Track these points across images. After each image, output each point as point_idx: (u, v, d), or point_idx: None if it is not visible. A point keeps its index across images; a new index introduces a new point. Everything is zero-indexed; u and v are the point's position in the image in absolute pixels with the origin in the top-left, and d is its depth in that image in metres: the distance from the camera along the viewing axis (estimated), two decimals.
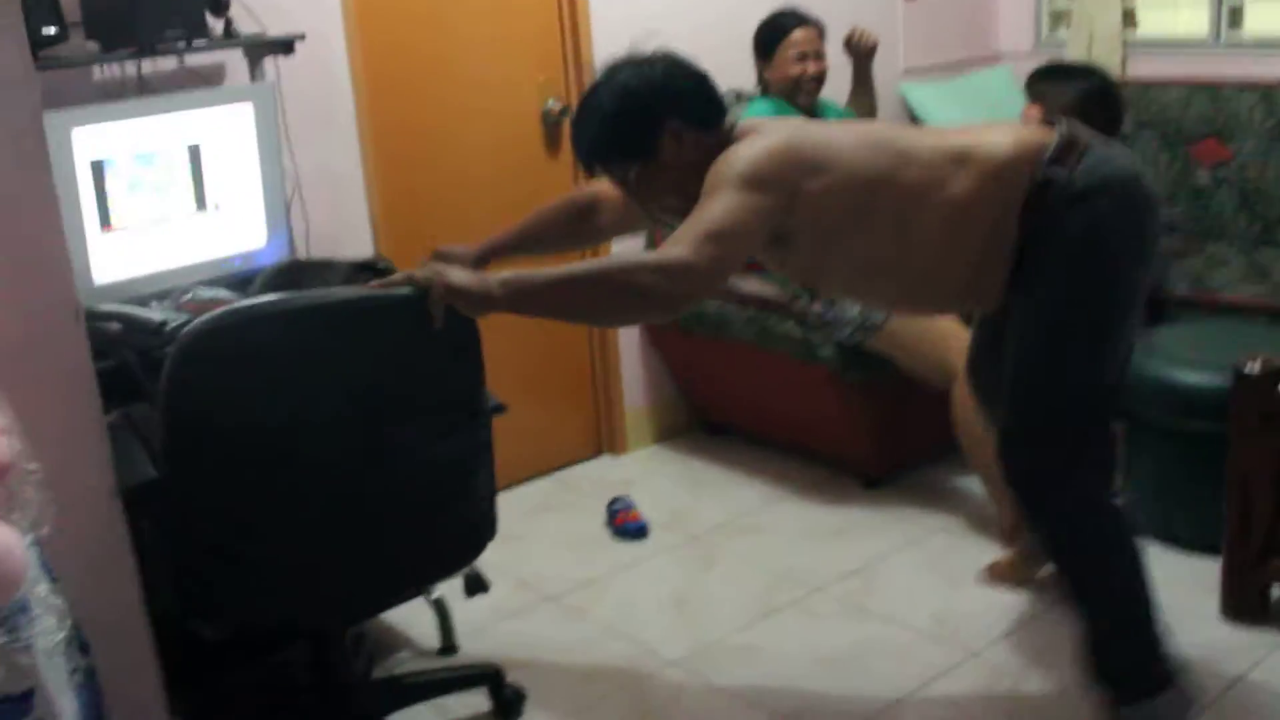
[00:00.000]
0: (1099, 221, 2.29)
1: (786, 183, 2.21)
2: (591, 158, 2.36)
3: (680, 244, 2.12)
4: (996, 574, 3.17)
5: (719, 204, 2.16)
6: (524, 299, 2.12)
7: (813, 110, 3.66)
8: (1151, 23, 4.89)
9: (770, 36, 3.68)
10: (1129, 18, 4.77)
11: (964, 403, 3.16)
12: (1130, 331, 2.44)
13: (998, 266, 2.36)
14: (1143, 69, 4.66)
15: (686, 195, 2.24)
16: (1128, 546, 2.47)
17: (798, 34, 3.63)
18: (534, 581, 3.35)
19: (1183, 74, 4.49)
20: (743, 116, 3.06)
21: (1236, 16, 4.51)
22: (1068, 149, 2.30)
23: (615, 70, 2.34)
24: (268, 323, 2.13)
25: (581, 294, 2.16)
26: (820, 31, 3.69)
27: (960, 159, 2.31)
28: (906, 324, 3.40)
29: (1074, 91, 3.28)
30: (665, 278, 2.11)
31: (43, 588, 1.70)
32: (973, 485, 3.60)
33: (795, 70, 3.62)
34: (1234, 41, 4.46)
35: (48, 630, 1.68)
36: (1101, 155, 2.32)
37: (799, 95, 3.63)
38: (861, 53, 3.81)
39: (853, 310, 3.44)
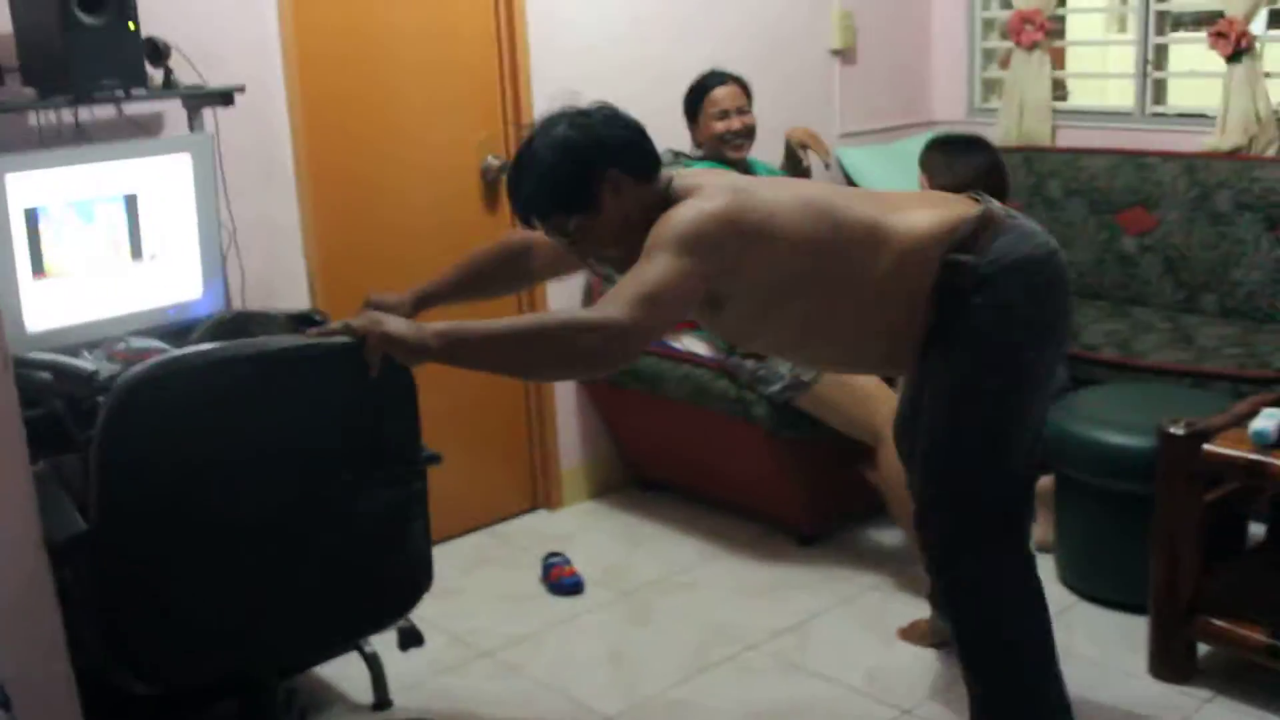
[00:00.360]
0: (1003, 304, 2.35)
1: (726, 249, 2.21)
2: (529, 210, 2.33)
3: (616, 304, 2.11)
4: (913, 635, 3.19)
5: (656, 266, 2.15)
6: (459, 350, 2.10)
7: (743, 166, 3.71)
8: (1081, 94, 5.02)
9: (693, 97, 3.76)
10: (1058, 89, 4.89)
11: (888, 462, 3.21)
12: (1040, 409, 2.50)
13: (910, 339, 2.43)
14: (1072, 138, 4.76)
15: (625, 245, 2.25)
16: (1036, 638, 2.49)
17: (718, 92, 3.71)
18: (469, 636, 3.32)
19: (1110, 144, 4.60)
20: None
21: (1161, 91, 4.64)
22: (981, 229, 2.36)
23: (552, 123, 2.33)
24: (205, 371, 2.10)
25: (518, 349, 2.13)
26: (743, 88, 3.76)
27: (883, 236, 2.36)
28: (833, 385, 3.44)
29: (961, 169, 3.36)
30: (601, 338, 2.10)
31: None
32: (899, 542, 3.63)
33: (719, 127, 3.69)
34: (1158, 114, 4.57)
35: None
36: (1016, 236, 2.38)
37: (725, 150, 3.70)
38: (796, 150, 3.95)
39: (784, 367, 3.47)
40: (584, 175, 2.26)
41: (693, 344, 3.81)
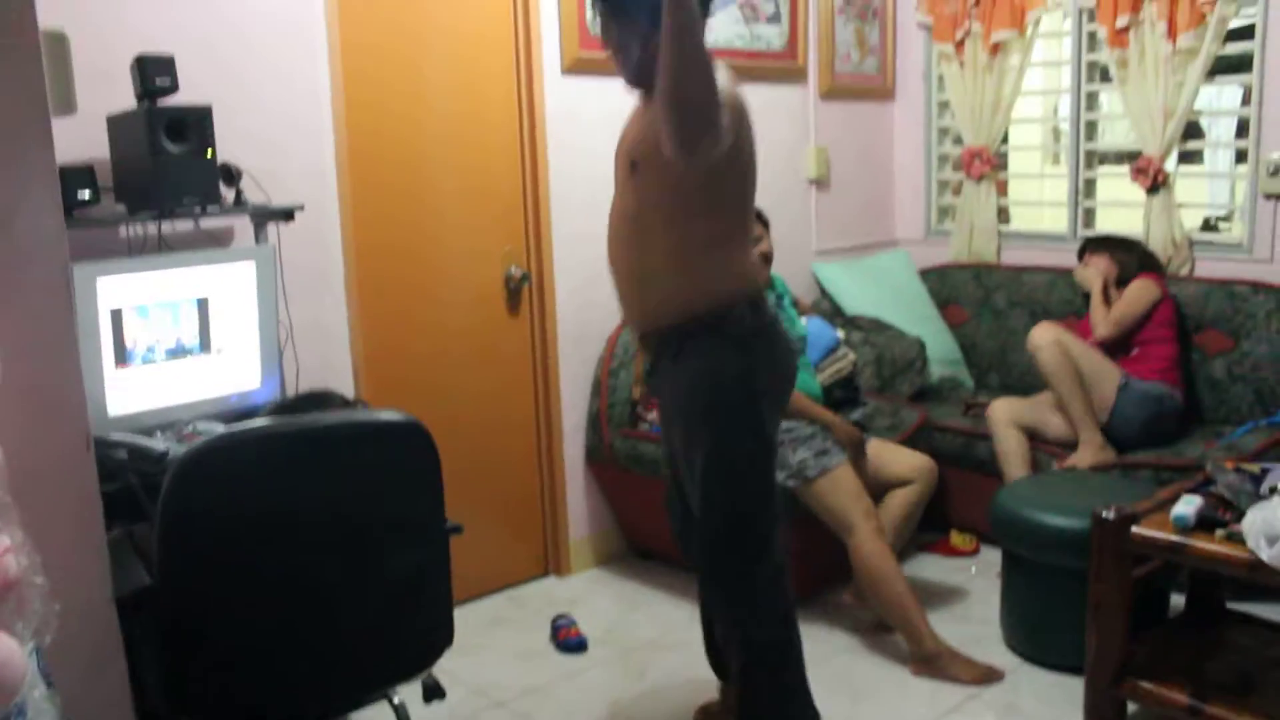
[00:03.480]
0: (718, 370, 2.41)
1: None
2: (625, 6, 2.37)
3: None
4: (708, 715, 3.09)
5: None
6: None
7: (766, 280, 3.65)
8: (1021, 219, 5.08)
9: None
10: (1003, 214, 4.95)
11: (860, 550, 3.24)
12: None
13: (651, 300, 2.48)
14: (1015, 257, 4.81)
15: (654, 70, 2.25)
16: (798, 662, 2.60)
17: None
18: (485, 688, 3.26)
19: (1048, 262, 4.64)
20: None
21: (1090, 217, 4.69)
22: (760, 304, 2.46)
23: None
24: (250, 447, 2.10)
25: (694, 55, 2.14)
26: (759, 221, 3.60)
27: (741, 237, 2.48)
28: (828, 484, 3.37)
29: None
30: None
31: (39, 691, 1.64)
32: (874, 613, 3.59)
33: None
34: (1088, 236, 4.60)
35: None
36: (772, 336, 2.49)
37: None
38: None
39: (794, 457, 3.40)
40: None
41: None
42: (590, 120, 3.96)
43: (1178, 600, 3.24)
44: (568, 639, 3.52)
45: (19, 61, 1.76)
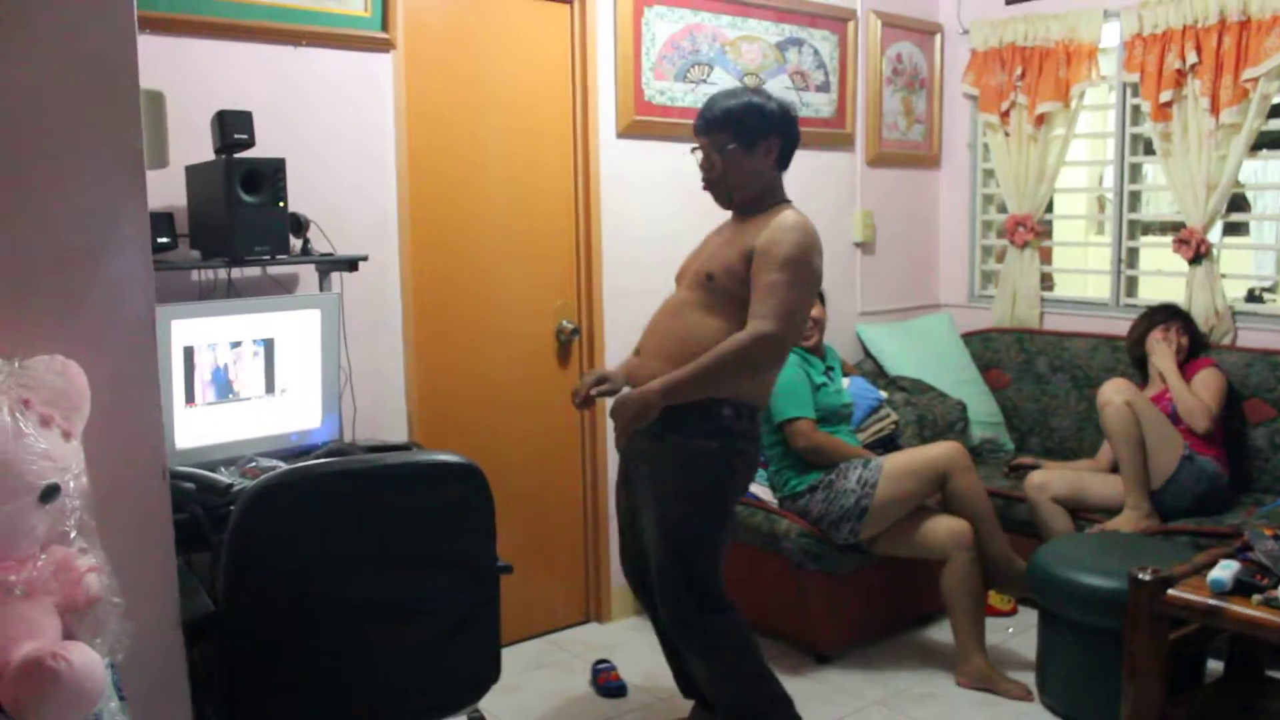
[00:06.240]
0: (714, 463, 2.76)
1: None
2: (721, 116, 2.79)
3: (765, 320, 2.66)
4: None
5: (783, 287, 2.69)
6: (675, 393, 2.65)
7: (819, 352, 3.84)
8: (1065, 286, 5.11)
9: None
10: (1045, 281, 4.99)
11: (960, 491, 3.52)
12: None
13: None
14: (1057, 323, 4.84)
15: (735, 187, 2.83)
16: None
17: None
18: None
19: (1090, 329, 4.67)
20: None
21: (1132, 285, 4.73)
22: (754, 414, 2.81)
23: (771, 94, 2.88)
24: (316, 484, 2.21)
25: (710, 377, 2.65)
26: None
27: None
28: (886, 491, 3.51)
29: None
30: (762, 348, 2.66)
31: (114, 705, 1.72)
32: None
33: None
34: (1130, 304, 4.65)
35: None
36: (753, 441, 2.84)
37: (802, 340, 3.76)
38: None
39: (846, 500, 3.52)
40: (764, 124, 2.80)
41: None
42: (642, 181, 4.08)
43: (1216, 666, 3.23)
44: (608, 683, 3.57)
45: (121, 117, 1.89)
